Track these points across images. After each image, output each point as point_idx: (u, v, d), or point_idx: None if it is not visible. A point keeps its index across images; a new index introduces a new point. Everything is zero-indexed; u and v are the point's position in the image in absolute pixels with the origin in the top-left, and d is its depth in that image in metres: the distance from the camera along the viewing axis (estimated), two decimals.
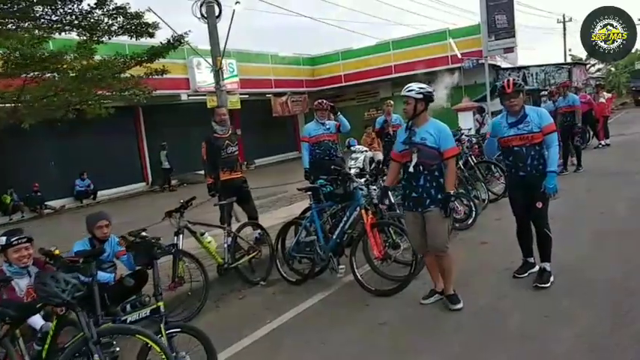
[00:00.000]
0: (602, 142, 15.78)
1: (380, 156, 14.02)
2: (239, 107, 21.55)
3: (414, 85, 4.76)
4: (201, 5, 15.76)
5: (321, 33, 50.64)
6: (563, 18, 47.89)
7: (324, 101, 8.14)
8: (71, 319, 3.56)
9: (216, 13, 15.93)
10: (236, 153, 7.48)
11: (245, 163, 24.72)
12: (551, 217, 5.68)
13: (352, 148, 13.66)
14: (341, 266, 5.96)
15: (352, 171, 11.01)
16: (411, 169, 4.75)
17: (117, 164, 18.68)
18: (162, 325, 3.63)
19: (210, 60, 19.25)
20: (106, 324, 3.55)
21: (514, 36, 21.54)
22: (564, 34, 48.11)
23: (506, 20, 21.41)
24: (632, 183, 9.53)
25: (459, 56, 22.51)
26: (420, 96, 4.70)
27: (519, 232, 5.41)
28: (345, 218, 5.93)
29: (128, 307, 3.84)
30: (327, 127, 8.13)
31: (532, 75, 24.80)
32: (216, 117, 7.37)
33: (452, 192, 4.70)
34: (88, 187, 17.51)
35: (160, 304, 3.74)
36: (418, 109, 4.71)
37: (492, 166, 9.88)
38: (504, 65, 26.05)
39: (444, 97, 22.49)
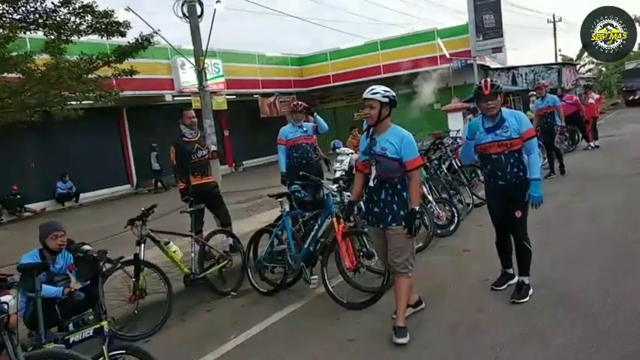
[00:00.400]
0: (592, 144, 15.60)
1: None
2: (225, 108, 21.29)
3: (379, 88, 4.35)
4: (182, 4, 15.47)
5: (312, 34, 50.34)
6: (553, 18, 47.94)
7: (299, 103, 7.89)
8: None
9: (199, 13, 15.67)
10: (206, 157, 7.16)
11: (234, 164, 24.56)
12: (535, 223, 5.47)
13: (337, 150, 13.35)
14: (314, 277, 5.70)
15: (337, 173, 10.78)
16: (371, 183, 4.38)
17: (100, 165, 18.32)
18: (104, 347, 3.35)
19: (193, 60, 19.03)
20: (40, 349, 3.28)
21: (502, 36, 21.43)
22: (554, 34, 48.15)
23: (494, 20, 21.31)
24: (619, 186, 9.32)
25: (448, 56, 22.34)
26: (386, 100, 4.28)
27: (498, 242, 5.14)
28: (316, 226, 5.67)
29: (71, 325, 3.56)
30: (305, 129, 7.89)
31: (521, 75, 24.67)
32: (185, 120, 7.05)
33: (417, 208, 4.21)
34: (69, 190, 17.15)
35: (104, 323, 3.47)
36: (383, 114, 4.29)
37: (478, 170, 9.65)
38: (494, 65, 25.89)
39: (431, 97, 22.39)
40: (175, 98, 19.80)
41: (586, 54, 52.23)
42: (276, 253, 5.90)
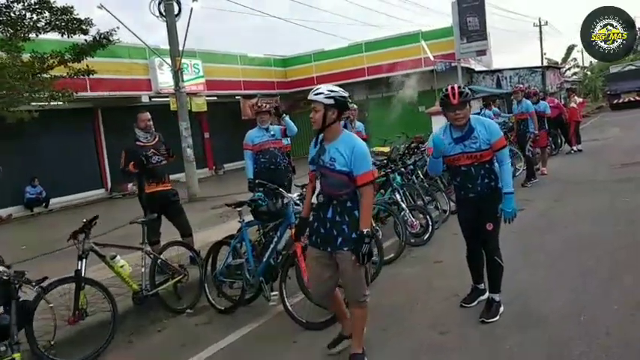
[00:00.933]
0: (574, 148, 15.37)
1: None
2: (205, 110, 20.85)
3: (323, 88, 3.76)
4: (159, 3, 15.07)
5: (299, 35, 49.92)
6: (539, 22, 47.98)
7: (265, 104, 7.51)
8: None
9: (176, 12, 15.27)
10: (163, 163, 6.72)
11: (214, 167, 24.09)
12: (512, 231, 5.15)
13: None
14: (274, 293, 5.30)
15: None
16: (316, 199, 3.90)
17: (73, 169, 17.73)
18: None
19: (170, 60, 18.58)
20: None
21: (486, 38, 21.21)
22: (540, 38, 48.18)
23: (478, 22, 21.09)
24: (601, 191, 9.05)
25: (432, 59, 22.08)
26: (331, 101, 3.65)
27: (469, 255, 4.80)
28: (275, 238, 5.30)
29: None
30: (272, 133, 7.54)
31: (506, 78, 24.49)
32: (139, 123, 6.62)
33: (366, 231, 3.60)
34: (39, 194, 16.49)
35: (16, 355, 3.07)
36: (329, 118, 3.67)
37: None
38: (478, 68, 25.70)
39: (415, 99, 22.14)
40: (153, 99, 19.30)
41: (571, 57, 52.67)
42: (233, 267, 5.51)
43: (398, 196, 7.21)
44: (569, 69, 52.28)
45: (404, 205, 7.16)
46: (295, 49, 27.25)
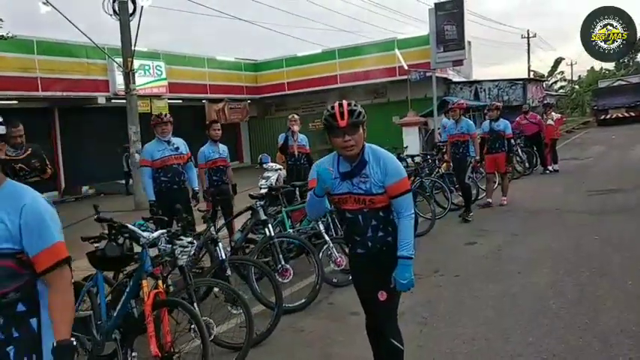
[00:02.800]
0: (550, 168, 14.29)
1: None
2: (167, 113, 19.54)
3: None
4: (113, 1, 13.87)
5: (279, 41, 48.58)
6: (527, 34, 47.27)
7: (166, 114, 6.40)
8: None
9: (131, 11, 14.05)
10: (34, 179, 5.58)
11: None
12: (454, 275, 3.98)
13: (264, 165, 11.83)
14: (134, 354, 4.08)
15: (262, 191, 9.29)
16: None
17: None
18: None
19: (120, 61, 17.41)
20: None
21: (464, 48, 20.15)
22: (528, 50, 47.45)
23: (456, 31, 19.98)
24: (568, 226, 7.90)
25: (406, 67, 20.95)
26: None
27: (368, 327, 3.56)
28: (128, 289, 4.08)
29: None
30: (175, 146, 6.41)
31: (484, 90, 23.42)
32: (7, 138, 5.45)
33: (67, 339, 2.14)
34: None
35: None
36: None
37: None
38: (457, 79, 24.66)
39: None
40: (113, 101, 18.08)
41: (558, 70, 51.99)
42: (79, 319, 4.27)
43: (321, 226, 5.99)
44: (555, 82, 51.53)
45: (327, 237, 5.93)
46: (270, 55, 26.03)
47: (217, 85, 22.56)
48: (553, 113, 15.18)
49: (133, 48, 14.31)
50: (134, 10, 13.70)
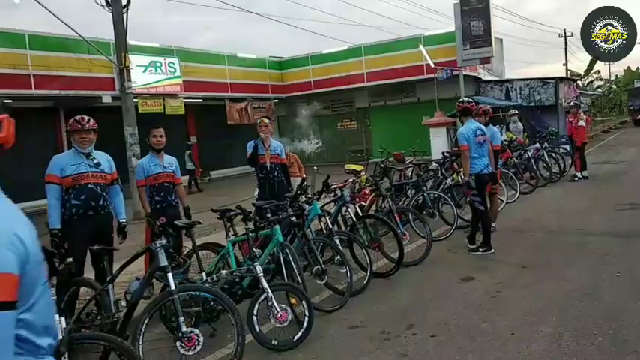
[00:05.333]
0: (579, 175, 12.39)
1: (298, 182, 10.83)
2: (182, 112, 18.48)
3: None
4: None
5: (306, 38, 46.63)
6: (564, 33, 44.14)
7: (89, 120, 5.01)
8: None
9: (124, 2, 12.90)
10: None
11: (200, 174, 21.73)
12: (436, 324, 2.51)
13: None
14: None
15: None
16: None
17: (28, 173, 15.52)
18: None
19: (135, 57, 16.40)
20: None
21: (491, 45, 18.27)
22: (565, 49, 44.35)
23: (482, 28, 18.11)
24: (588, 255, 6.21)
25: (432, 65, 19.21)
26: None
27: None
28: None
29: None
30: (96, 162, 5.03)
31: (515, 89, 21.36)
32: None
33: None
34: None
35: None
36: None
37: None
38: (487, 77, 22.67)
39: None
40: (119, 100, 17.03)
41: (594, 69, 48.54)
42: None
43: (258, 268, 4.45)
44: (591, 82, 48.14)
45: (265, 285, 4.40)
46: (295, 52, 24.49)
47: (239, 84, 21.28)
48: (582, 114, 13.22)
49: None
50: (128, 1, 12.51)
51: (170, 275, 3.86)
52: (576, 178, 12.32)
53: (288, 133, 23.38)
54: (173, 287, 3.81)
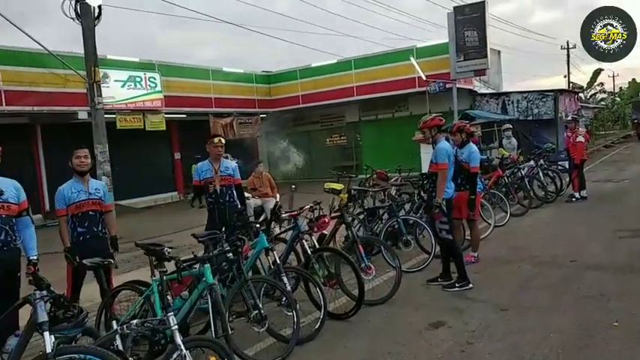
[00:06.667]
0: (577, 195, 11.60)
1: (271, 205, 10.04)
2: (164, 128, 17.78)
3: None
4: (76, 2, 12.09)
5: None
6: (567, 45, 43.67)
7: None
8: None
9: (95, 14, 12.28)
10: None
11: (184, 190, 20.99)
12: None
13: None
14: None
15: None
16: None
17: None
18: None
19: (114, 72, 15.83)
20: None
21: (486, 56, 17.55)
22: (567, 62, 43.85)
23: (478, 38, 17.42)
24: (582, 296, 5.43)
25: (424, 78, 18.51)
26: None
27: None
28: None
29: None
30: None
31: (512, 103, 20.63)
32: None
33: None
34: None
35: None
36: None
37: None
38: (483, 90, 21.97)
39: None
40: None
41: (597, 82, 47.89)
42: None
43: (172, 320, 3.53)
44: (594, 94, 47.48)
45: (179, 341, 3.47)
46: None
47: (224, 99, 20.59)
48: (581, 129, 12.47)
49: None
50: (99, 13, 11.90)
51: (47, 335, 3.10)
52: (574, 199, 11.54)
53: (276, 148, 22.68)
54: (49, 350, 3.06)
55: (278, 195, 10.65)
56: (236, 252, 4.57)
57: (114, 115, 16.20)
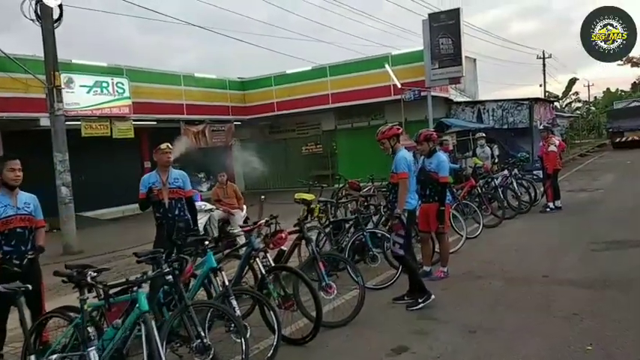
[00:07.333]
0: (551, 206, 11.41)
1: (239, 217, 9.62)
2: (132, 136, 17.21)
3: None
4: (37, 2, 11.58)
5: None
6: (543, 54, 44.18)
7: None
8: None
9: (56, 16, 11.78)
10: None
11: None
12: None
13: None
14: None
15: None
16: None
17: None
18: None
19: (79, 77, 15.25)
20: None
21: (461, 64, 17.37)
22: (544, 71, 44.35)
23: (452, 45, 17.26)
24: (550, 314, 5.13)
25: (399, 86, 18.27)
26: None
27: None
28: None
29: None
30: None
31: (488, 111, 20.52)
32: None
33: None
34: None
35: None
36: None
37: None
38: (459, 99, 21.85)
39: None
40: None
41: (572, 91, 48.49)
42: None
43: (92, 356, 3.18)
44: (570, 103, 48.07)
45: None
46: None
47: (196, 105, 20.07)
48: (554, 138, 12.31)
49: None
50: (60, 15, 11.41)
51: None
52: (548, 209, 11.35)
53: (250, 156, 22.20)
54: None
55: (245, 206, 10.26)
56: (177, 273, 4.16)
57: (79, 122, 15.64)
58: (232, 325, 4.34)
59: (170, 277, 4.01)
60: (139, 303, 3.78)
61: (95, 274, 3.63)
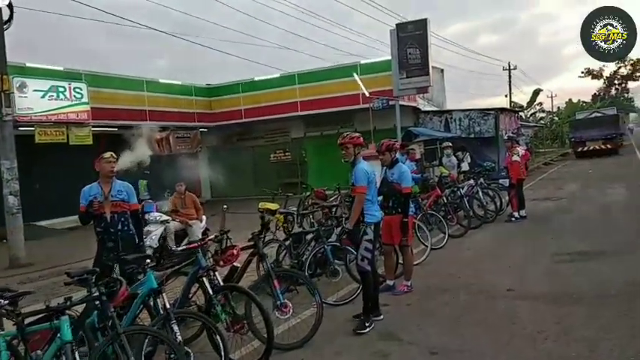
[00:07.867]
0: (516, 215, 11.30)
1: (198, 229, 9.19)
2: (90, 142, 16.51)
3: None
4: None
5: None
6: (509, 66, 44.85)
7: None
8: None
9: (6, 18, 11.17)
10: None
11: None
12: None
13: (148, 216, 8.81)
14: None
15: (148, 250, 6.35)
16: None
17: None
18: None
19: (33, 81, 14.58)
20: None
21: (428, 74, 17.24)
22: (509, 82, 44.94)
23: (420, 55, 17.13)
24: (513, 334, 4.88)
25: (367, 94, 18.07)
26: None
27: None
28: None
29: None
30: None
31: (455, 121, 20.53)
32: None
33: None
34: None
35: None
36: None
37: None
38: (427, 108, 21.82)
39: None
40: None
41: (537, 101, 49.32)
42: None
43: None
44: (534, 113, 48.92)
45: None
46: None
47: (160, 112, 19.48)
48: (518, 148, 12.23)
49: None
50: (10, 17, 10.81)
51: None
52: (513, 218, 11.23)
53: (217, 164, 21.71)
54: None
55: (205, 217, 9.82)
56: (110, 296, 3.74)
57: (33, 128, 14.93)
58: (172, 352, 3.94)
59: (97, 302, 3.59)
60: (60, 332, 3.35)
61: (6, 301, 3.18)
